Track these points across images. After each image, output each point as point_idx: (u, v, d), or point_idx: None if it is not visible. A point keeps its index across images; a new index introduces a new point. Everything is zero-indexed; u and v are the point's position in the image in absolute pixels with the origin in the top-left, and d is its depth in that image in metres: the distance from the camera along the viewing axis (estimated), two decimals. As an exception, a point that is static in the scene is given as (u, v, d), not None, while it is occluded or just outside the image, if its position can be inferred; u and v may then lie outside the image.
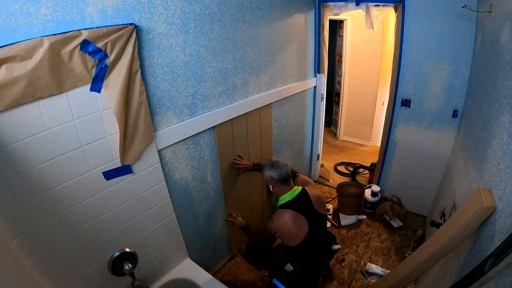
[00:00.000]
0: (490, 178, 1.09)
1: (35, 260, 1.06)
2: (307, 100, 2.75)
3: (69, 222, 1.15)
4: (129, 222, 1.38)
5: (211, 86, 1.62)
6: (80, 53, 0.99)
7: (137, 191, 1.37)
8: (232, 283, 2.08)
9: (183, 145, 1.56)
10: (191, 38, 1.42)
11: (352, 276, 2.11)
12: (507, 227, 0.85)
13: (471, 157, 1.50)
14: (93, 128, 1.13)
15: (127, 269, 1.38)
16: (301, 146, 2.93)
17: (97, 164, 1.18)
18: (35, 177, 1.01)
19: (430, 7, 2.04)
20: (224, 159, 1.87)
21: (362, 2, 2.24)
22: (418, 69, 2.25)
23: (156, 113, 1.37)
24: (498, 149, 1.07)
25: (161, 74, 1.34)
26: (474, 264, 0.91)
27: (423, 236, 2.34)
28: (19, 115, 0.93)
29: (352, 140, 4.34)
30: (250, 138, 2.03)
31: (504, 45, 1.21)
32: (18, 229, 1.00)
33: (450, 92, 2.16)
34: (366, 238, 2.47)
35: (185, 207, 1.70)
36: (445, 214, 1.68)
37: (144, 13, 1.19)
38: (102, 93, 1.11)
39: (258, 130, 2.10)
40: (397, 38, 2.26)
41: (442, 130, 2.29)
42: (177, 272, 1.66)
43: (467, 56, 1.98)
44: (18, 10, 0.87)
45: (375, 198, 2.70)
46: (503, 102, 1.12)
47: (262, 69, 1.98)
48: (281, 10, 2.02)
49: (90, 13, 1.02)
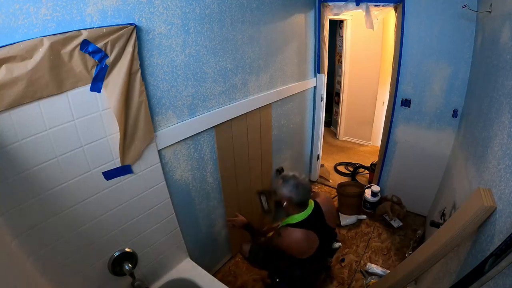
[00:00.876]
0: (490, 178, 1.09)
1: (35, 260, 1.06)
2: (307, 100, 2.75)
3: (69, 222, 1.15)
4: (129, 222, 1.38)
5: (211, 86, 1.62)
6: (80, 53, 0.99)
7: (137, 191, 1.37)
8: (232, 283, 2.08)
9: (183, 145, 1.56)
10: (191, 38, 1.42)
11: (352, 276, 2.11)
12: (507, 227, 0.85)
13: (471, 157, 1.50)
14: (93, 128, 1.13)
15: (127, 269, 1.38)
16: (301, 146, 2.93)
17: (97, 164, 1.18)
18: (35, 177, 1.01)
19: (430, 7, 2.04)
20: (224, 159, 1.87)
21: (362, 2, 2.24)
22: (418, 69, 2.25)
23: (156, 113, 1.37)
24: (498, 149, 1.07)
25: (161, 74, 1.34)
26: (474, 264, 0.91)
27: (423, 236, 2.34)
28: (19, 115, 0.93)
29: (352, 140, 4.34)
30: (250, 138, 2.03)
31: (504, 45, 1.21)
32: (18, 229, 1.00)
33: (450, 92, 2.16)
34: (366, 238, 2.47)
35: (185, 207, 1.70)
36: (445, 214, 1.68)
37: (144, 13, 1.19)
38: (102, 93, 1.11)
39: (258, 130, 2.10)
40: (397, 38, 2.26)
41: (442, 130, 2.29)
42: (177, 272, 1.66)
43: (467, 56, 1.98)
44: (18, 10, 0.87)
45: (375, 198, 2.70)
46: (503, 102, 1.12)
47: (262, 69, 1.98)
48: (281, 10, 2.02)
49: (90, 13, 1.02)
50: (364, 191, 2.76)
